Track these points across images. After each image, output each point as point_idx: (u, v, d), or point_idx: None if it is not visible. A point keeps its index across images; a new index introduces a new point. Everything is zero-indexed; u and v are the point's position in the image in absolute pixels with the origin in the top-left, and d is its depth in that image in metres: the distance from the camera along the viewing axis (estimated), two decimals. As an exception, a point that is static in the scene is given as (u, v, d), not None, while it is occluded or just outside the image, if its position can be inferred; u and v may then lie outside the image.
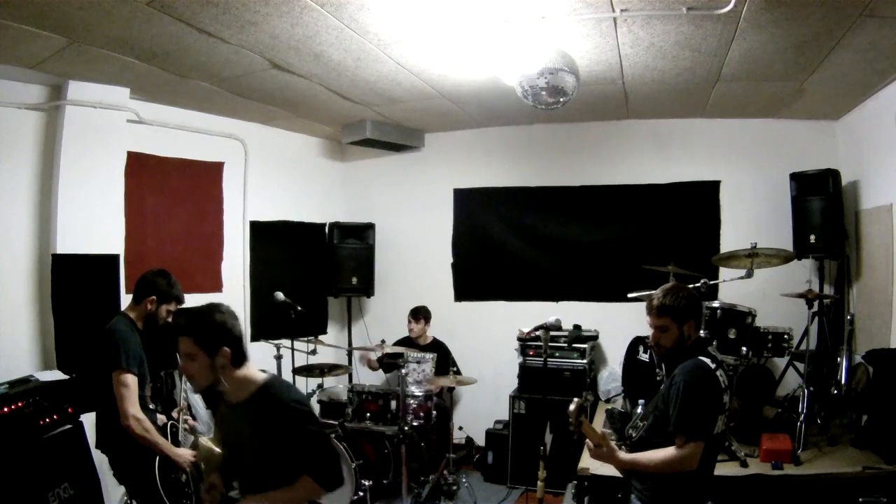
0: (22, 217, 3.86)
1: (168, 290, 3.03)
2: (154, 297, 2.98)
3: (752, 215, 4.93)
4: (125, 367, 2.76)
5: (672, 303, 2.35)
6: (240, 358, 2.03)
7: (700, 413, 2.21)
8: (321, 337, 5.09)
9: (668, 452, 2.23)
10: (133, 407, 2.75)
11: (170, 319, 3.06)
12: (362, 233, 5.79)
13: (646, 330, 4.53)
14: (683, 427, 2.20)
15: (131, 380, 2.78)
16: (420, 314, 5.19)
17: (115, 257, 4.07)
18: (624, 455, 2.34)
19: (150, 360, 2.98)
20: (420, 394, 4.51)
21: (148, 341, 2.97)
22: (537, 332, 3.55)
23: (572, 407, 2.27)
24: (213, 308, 2.03)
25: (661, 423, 2.31)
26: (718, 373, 2.28)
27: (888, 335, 3.84)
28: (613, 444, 2.36)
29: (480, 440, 5.18)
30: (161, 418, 3.09)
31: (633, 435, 2.46)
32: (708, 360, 2.29)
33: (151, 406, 2.99)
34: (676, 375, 2.29)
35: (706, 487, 2.34)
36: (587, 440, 2.35)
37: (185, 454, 2.94)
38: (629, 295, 4.36)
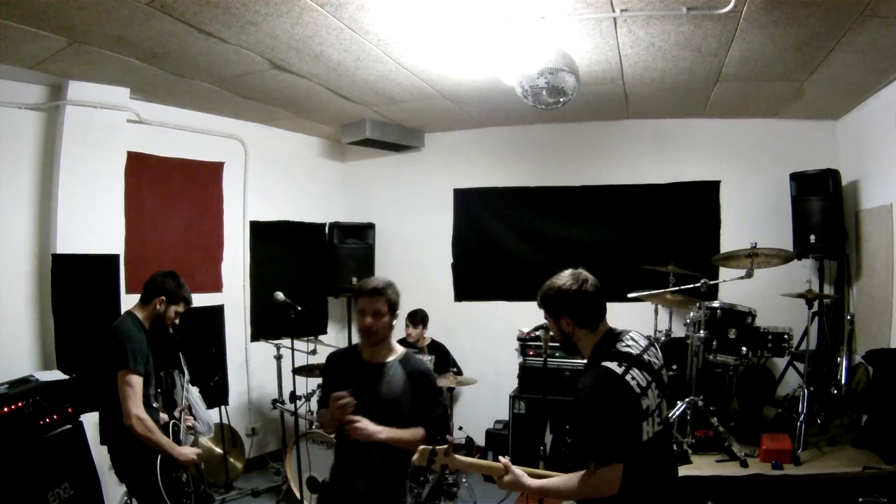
0: (22, 217, 3.86)
1: (177, 291, 3.06)
2: (163, 297, 3.01)
3: (752, 215, 4.93)
4: (131, 366, 2.77)
5: (541, 294, 2.15)
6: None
7: (607, 433, 1.85)
8: (321, 337, 5.09)
9: (577, 479, 1.91)
10: (136, 407, 2.75)
11: (177, 321, 3.09)
12: (362, 233, 5.79)
13: (646, 330, 4.56)
14: (590, 452, 1.88)
15: (136, 380, 2.79)
16: (418, 318, 5.15)
17: (115, 257, 4.08)
18: (532, 482, 2.00)
19: (155, 359, 2.99)
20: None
21: (154, 341, 2.98)
22: (537, 332, 3.55)
23: (415, 458, 2.06)
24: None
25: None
26: (630, 375, 1.90)
27: (888, 335, 3.84)
28: (517, 469, 2.02)
29: (480, 440, 5.18)
30: (163, 417, 3.09)
31: (566, 452, 2.30)
32: (613, 365, 1.90)
33: (155, 405, 2.99)
34: (577, 391, 1.96)
35: (668, 494, 2.03)
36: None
37: (188, 453, 2.95)
38: (629, 295, 4.36)
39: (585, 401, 1.92)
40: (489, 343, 5.44)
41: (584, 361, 2.06)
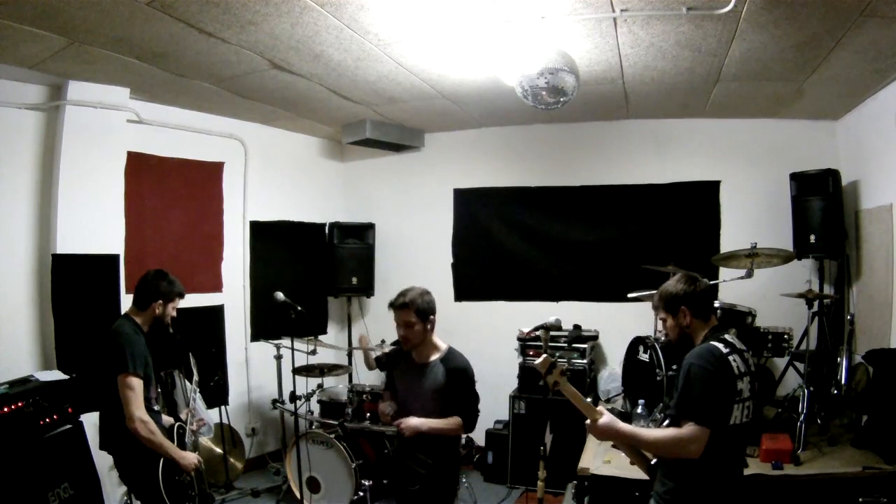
0: (22, 217, 3.87)
1: (170, 289, 3.07)
2: (160, 300, 3.01)
3: (752, 215, 4.93)
4: (131, 370, 2.77)
5: (663, 294, 2.37)
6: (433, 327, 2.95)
7: (703, 396, 2.09)
8: (321, 337, 5.10)
9: (669, 430, 2.14)
10: (138, 410, 2.75)
11: (174, 314, 3.09)
12: (362, 233, 5.79)
13: (645, 330, 4.57)
14: (684, 409, 2.12)
15: (136, 383, 2.78)
16: None
17: (115, 257, 4.08)
18: (624, 426, 2.25)
19: (154, 361, 2.99)
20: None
21: (152, 343, 2.98)
22: (537, 332, 3.54)
23: (538, 361, 2.28)
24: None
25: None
26: (732, 357, 2.15)
27: (888, 335, 3.84)
28: (610, 414, 2.28)
29: (480, 440, 5.18)
30: (167, 420, 3.09)
31: (659, 416, 2.45)
32: (720, 345, 2.18)
33: (157, 407, 2.99)
34: (684, 359, 2.21)
35: (733, 492, 2.21)
36: (587, 422, 2.30)
37: (191, 457, 2.95)
38: (629, 295, 4.36)
39: (692, 365, 2.15)
40: (489, 343, 5.42)
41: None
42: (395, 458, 3.01)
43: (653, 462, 2.27)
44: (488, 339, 5.45)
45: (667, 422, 2.29)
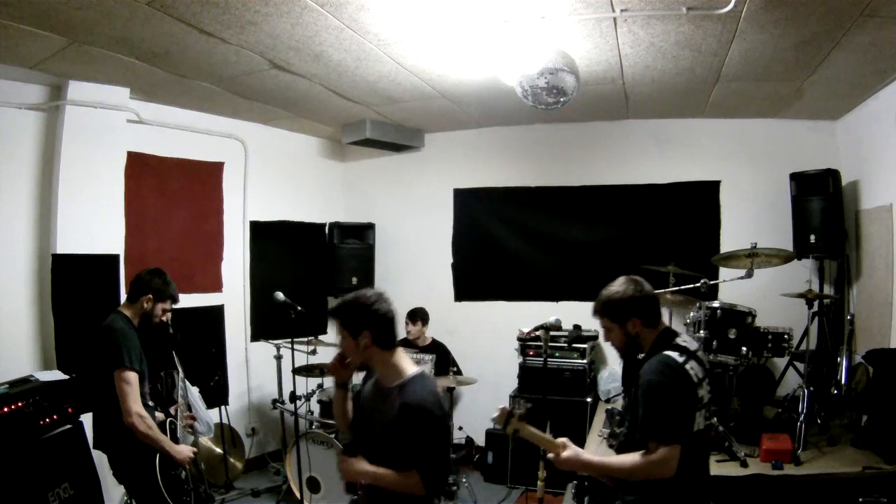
0: (22, 217, 3.87)
1: (163, 288, 3.03)
2: (150, 295, 2.99)
3: (752, 215, 4.93)
4: (127, 364, 2.76)
5: (605, 302, 2.24)
6: (386, 342, 2.16)
7: (668, 414, 2.00)
8: (321, 337, 5.08)
9: (637, 458, 2.03)
10: (136, 404, 2.75)
11: (164, 318, 3.07)
12: (362, 233, 5.79)
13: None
14: (651, 431, 2.01)
15: (133, 377, 2.78)
16: (417, 316, 5.17)
17: (115, 257, 4.08)
18: (591, 457, 2.13)
19: (149, 358, 2.98)
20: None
21: (143, 339, 2.97)
22: (537, 332, 3.54)
23: (495, 415, 2.11)
24: (361, 293, 2.20)
25: (635, 428, 2.14)
26: (689, 366, 2.06)
27: (888, 335, 3.84)
28: (574, 446, 2.12)
29: (480, 440, 5.18)
30: (159, 416, 3.08)
31: (614, 443, 2.38)
32: (675, 354, 2.07)
33: (150, 403, 2.99)
34: (641, 375, 2.11)
35: (702, 492, 2.16)
36: (549, 454, 2.14)
37: (185, 451, 2.95)
38: (629, 295, 4.35)
39: (650, 383, 2.04)
40: (489, 343, 5.43)
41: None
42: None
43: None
44: (488, 339, 5.46)
45: (622, 431, 2.24)
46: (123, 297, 3.99)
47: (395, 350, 2.19)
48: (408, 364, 2.20)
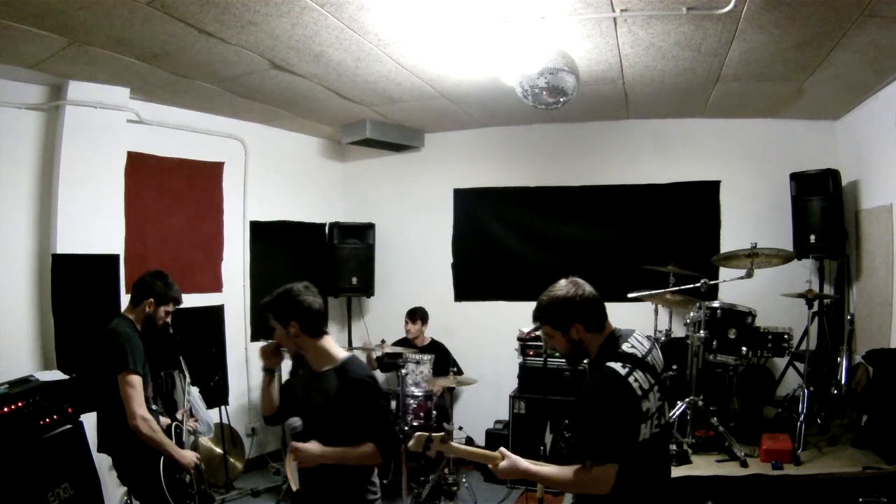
0: (22, 217, 3.86)
1: (165, 291, 3.03)
2: (152, 299, 2.98)
3: (752, 215, 4.93)
4: (132, 368, 2.76)
5: (544, 308, 2.13)
6: (314, 331, 2.34)
7: (606, 432, 1.89)
8: (321, 337, 5.09)
9: (572, 472, 1.94)
10: (140, 407, 2.75)
11: (168, 320, 3.07)
12: (362, 233, 5.79)
13: (646, 329, 4.53)
14: (587, 449, 1.92)
15: (137, 381, 2.78)
16: (417, 315, 5.17)
17: (115, 257, 4.08)
18: (529, 466, 2.03)
19: (150, 360, 2.98)
20: (420, 394, 4.51)
21: (147, 342, 2.97)
22: (537, 332, 3.55)
23: (411, 444, 2.08)
24: (289, 287, 2.43)
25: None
26: (633, 377, 1.93)
27: (888, 335, 3.84)
28: (513, 455, 2.04)
29: (480, 440, 5.18)
30: (164, 420, 3.08)
31: (563, 446, 2.34)
32: (618, 366, 1.94)
33: (154, 407, 2.98)
34: (581, 390, 2.02)
35: (657, 495, 2.05)
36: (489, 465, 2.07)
37: (190, 456, 2.94)
38: (629, 295, 4.35)
39: (588, 399, 1.95)
40: (489, 343, 5.43)
41: (584, 362, 2.11)
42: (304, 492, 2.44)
43: None
44: (488, 339, 5.46)
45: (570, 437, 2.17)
46: (123, 296, 4.02)
47: (324, 337, 2.37)
48: (337, 349, 2.38)
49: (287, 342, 2.36)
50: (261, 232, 5.38)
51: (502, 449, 2.07)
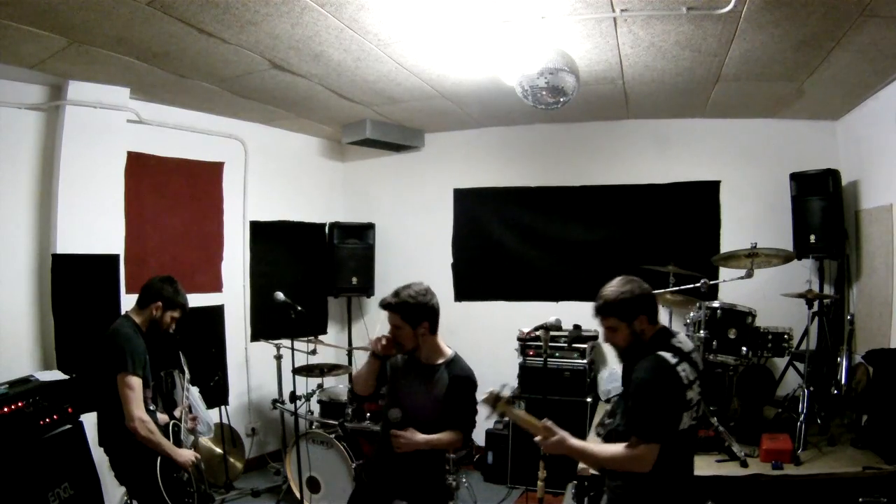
0: (22, 217, 3.86)
1: (174, 297, 3.06)
2: (160, 303, 3.00)
3: (752, 215, 4.93)
4: (130, 369, 2.77)
5: (614, 301, 2.24)
6: (435, 329, 2.69)
7: (654, 413, 2.07)
8: (321, 337, 5.09)
9: (618, 449, 2.12)
10: (138, 409, 2.75)
11: (173, 326, 3.08)
12: (362, 233, 5.79)
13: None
14: (635, 427, 2.10)
15: (136, 382, 2.79)
16: None
17: (115, 257, 4.08)
18: (575, 442, 2.21)
19: (151, 359, 2.99)
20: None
21: (150, 345, 2.98)
22: (537, 332, 3.55)
23: (483, 397, 2.29)
24: (419, 290, 2.66)
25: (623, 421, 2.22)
26: (681, 367, 2.12)
27: (888, 335, 3.84)
28: (561, 431, 2.23)
29: (480, 440, 5.18)
30: (163, 418, 3.09)
31: (602, 432, 2.44)
32: (668, 355, 2.13)
33: (152, 407, 2.99)
34: (634, 373, 2.18)
35: (683, 490, 2.22)
36: (536, 437, 2.25)
37: (187, 454, 2.95)
38: (629, 295, 4.35)
39: (641, 382, 2.12)
40: (489, 343, 5.42)
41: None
42: (379, 465, 2.73)
43: None
44: (488, 339, 5.45)
45: (612, 423, 2.32)
46: (123, 297, 4.03)
47: (437, 334, 2.71)
48: (445, 345, 2.74)
49: (411, 340, 2.61)
50: (261, 232, 5.38)
51: (547, 421, 2.25)
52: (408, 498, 2.60)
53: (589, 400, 4.67)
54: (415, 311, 2.58)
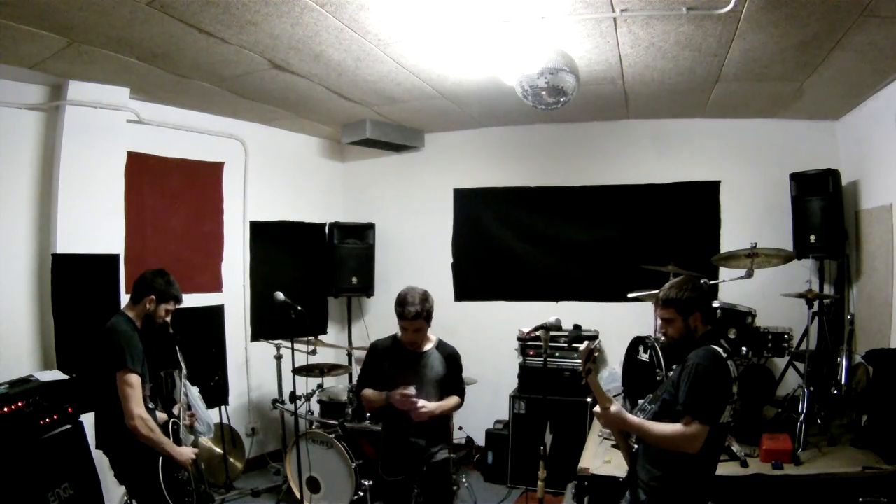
0: (22, 217, 3.86)
1: (166, 289, 3.02)
2: (153, 296, 2.98)
3: (752, 215, 4.93)
4: (130, 366, 2.76)
5: (676, 295, 2.42)
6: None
7: (710, 396, 2.25)
8: (321, 337, 5.10)
9: (674, 427, 2.26)
10: (138, 406, 2.74)
11: (168, 319, 3.06)
12: (362, 233, 5.79)
13: (645, 330, 4.57)
14: (692, 406, 2.24)
15: (135, 379, 2.77)
16: None
17: (115, 257, 4.08)
18: (632, 418, 2.39)
19: (150, 358, 2.98)
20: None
21: (146, 340, 2.97)
22: (537, 332, 3.55)
23: (582, 347, 2.41)
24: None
25: (668, 408, 2.34)
26: (730, 362, 2.33)
27: (888, 335, 3.84)
28: (619, 405, 2.41)
29: (480, 440, 5.18)
30: (161, 416, 3.08)
31: (639, 415, 2.51)
32: (720, 350, 2.34)
33: (151, 405, 2.98)
34: (690, 359, 2.33)
35: (709, 485, 2.35)
36: (595, 407, 2.44)
37: (187, 453, 2.94)
38: (629, 295, 4.36)
39: (700, 366, 2.27)
40: (489, 343, 5.43)
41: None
42: (396, 436, 3.15)
43: (633, 449, 2.45)
44: (488, 339, 5.46)
45: (652, 409, 2.45)
46: (123, 296, 4.03)
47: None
48: (429, 333, 3.20)
49: (425, 336, 3.13)
50: (261, 232, 5.38)
51: (612, 397, 2.43)
52: (426, 438, 3.09)
53: (589, 400, 4.66)
54: (431, 311, 3.07)
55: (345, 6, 2.87)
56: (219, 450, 4.68)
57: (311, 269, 5.76)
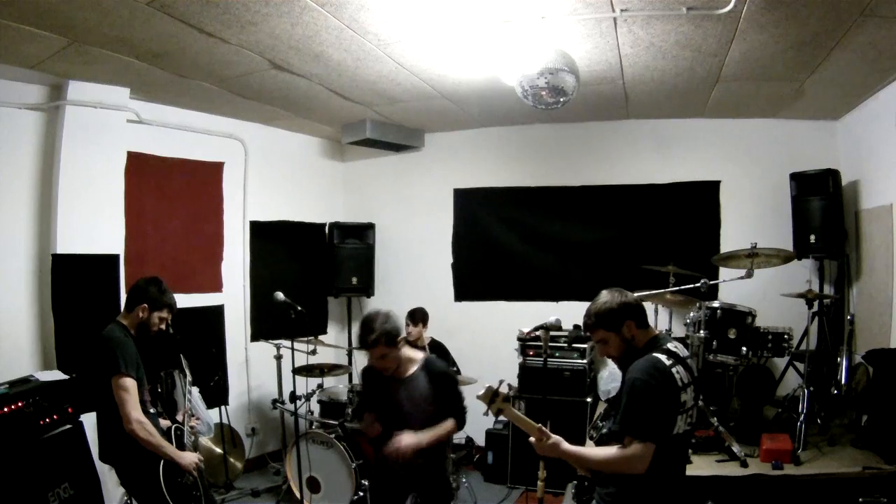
0: (22, 217, 3.86)
1: (159, 297, 2.98)
2: (146, 304, 2.95)
3: (752, 215, 4.93)
4: (123, 370, 2.73)
5: (596, 314, 2.26)
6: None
7: (647, 412, 2.06)
8: (321, 337, 5.09)
9: (612, 450, 2.12)
10: (135, 410, 2.73)
11: (162, 326, 3.04)
12: (362, 233, 5.79)
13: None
14: (628, 426, 2.09)
15: (130, 383, 2.75)
16: (417, 317, 5.15)
17: (115, 257, 4.08)
18: (568, 446, 2.22)
19: (147, 363, 2.96)
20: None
21: (142, 347, 2.95)
22: (537, 332, 3.54)
23: (481, 392, 2.25)
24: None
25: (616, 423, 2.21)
26: (675, 370, 2.12)
27: (888, 335, 3.84)
28: (554, 435, 2.25)
29: (480, 440, 5.18)
30: (165, 424, 3.07)
31: (594, 435, 2.42)
32: (663, 357, 2.13)
33: (153, 410, 2.97)
34: (629, 372, 2.17)
35: (675, 495, 2.20)
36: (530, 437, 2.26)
37: (190, 457, 2.92)
38: (629, 295, 4.35)
39: (635, 380, 2.11)
40: (489, 343, 5.43)
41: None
42: (383, 472, 2.93)
43: None
44: (488, 339, 5.46)
45: (605, 426, 2.33)
46: (123, 296, 4.00)
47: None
48: (411, 351, 2.93)
49: (396, 360, 2.81)
50: (261, 232, 5.38)
51: (540, 426, 2.26)
52: (418, 490, 2.85)
53: (589, 400, 4.67)
54: (393, 334, 2.76)
55: (345, 6, 2.87)
56: (219, 450, 4.68)
57: (311, 269, 5.76)
